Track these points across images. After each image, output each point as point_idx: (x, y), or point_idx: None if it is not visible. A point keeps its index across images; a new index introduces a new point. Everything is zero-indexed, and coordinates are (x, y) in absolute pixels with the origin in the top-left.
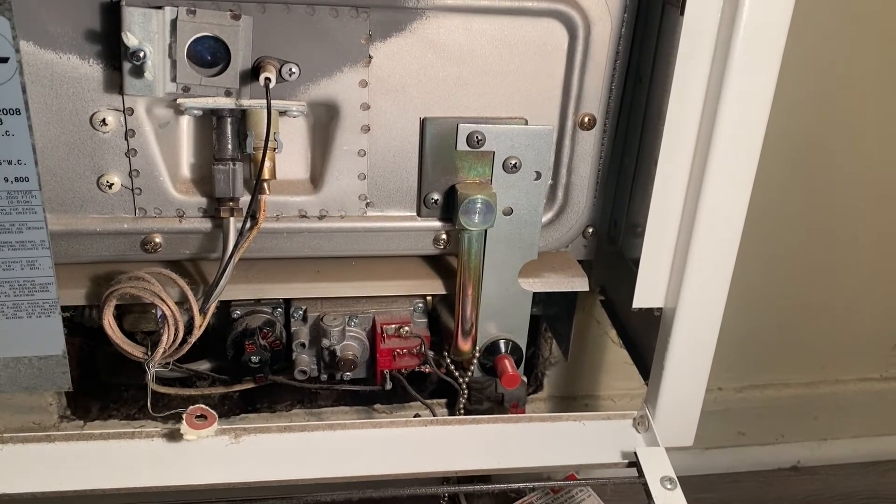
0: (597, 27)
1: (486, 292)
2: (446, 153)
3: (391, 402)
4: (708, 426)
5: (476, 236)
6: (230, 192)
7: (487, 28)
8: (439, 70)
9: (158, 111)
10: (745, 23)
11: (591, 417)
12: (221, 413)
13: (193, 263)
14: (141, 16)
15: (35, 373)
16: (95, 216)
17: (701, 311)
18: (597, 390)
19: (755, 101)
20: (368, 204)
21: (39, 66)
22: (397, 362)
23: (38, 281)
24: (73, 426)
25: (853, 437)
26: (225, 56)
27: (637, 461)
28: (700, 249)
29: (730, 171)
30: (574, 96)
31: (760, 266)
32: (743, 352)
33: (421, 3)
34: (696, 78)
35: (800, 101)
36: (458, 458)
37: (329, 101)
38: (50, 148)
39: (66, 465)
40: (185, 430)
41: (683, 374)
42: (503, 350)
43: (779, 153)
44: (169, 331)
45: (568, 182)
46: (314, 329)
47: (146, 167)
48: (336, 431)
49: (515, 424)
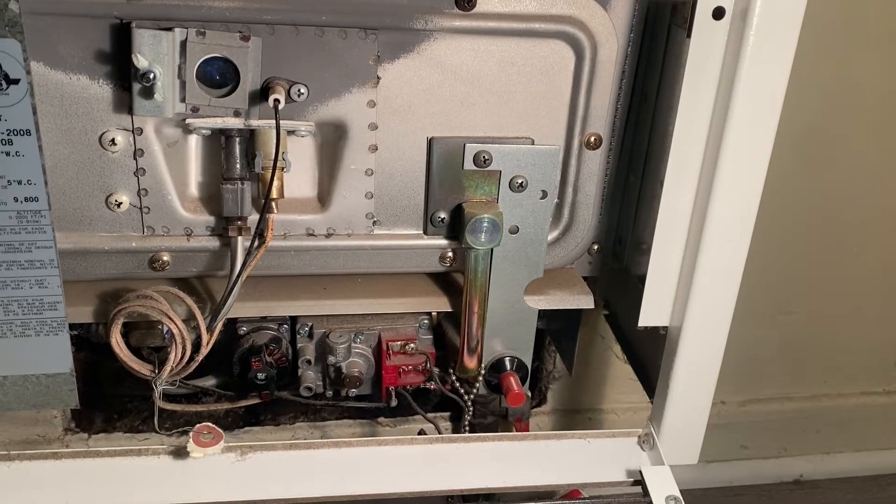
0: (603, 48)
1: (492, 310)
2: (453, 172)
3: (395, 415)
4: (711, 440)
5: (482, 255)
6: (238, 211)
7: (494, 49)
8: (447, 90)
9: (167, 131)
10: (752, 45)
11: (597, 435)
12: (225, 425)
13: (201, 281)
14: (151, 37)
15: (43, 390)
16: (104, 235)
17: (707, 330)
18: (600, 404)
19: (761, 121)
20: (375, 222)
21: (49, 87)
22: (403, 379)
23: (47, 300)
24: (77, 438)
25: (855, 450)
26: (234, 77)
27: (642, 479)
28: (706, 269)
29: (736, 189)
30: (580, 116)
31: (764, 280)
32: (746, 366)
33: (429, 25)
34: (702, 98)
35: (804, 112)
36: (462, 477)
37: (337, 121)
38: (59, 167)
39: (72, 482)
40: (192, 447)
41: (689, 393)
42: (508, 367)
43: (782, 170)
44: (176, 349)
45: (574, 201)
46: (320, 346)
47: (155, 186)
48: (341, 449)
49: (520, 442)
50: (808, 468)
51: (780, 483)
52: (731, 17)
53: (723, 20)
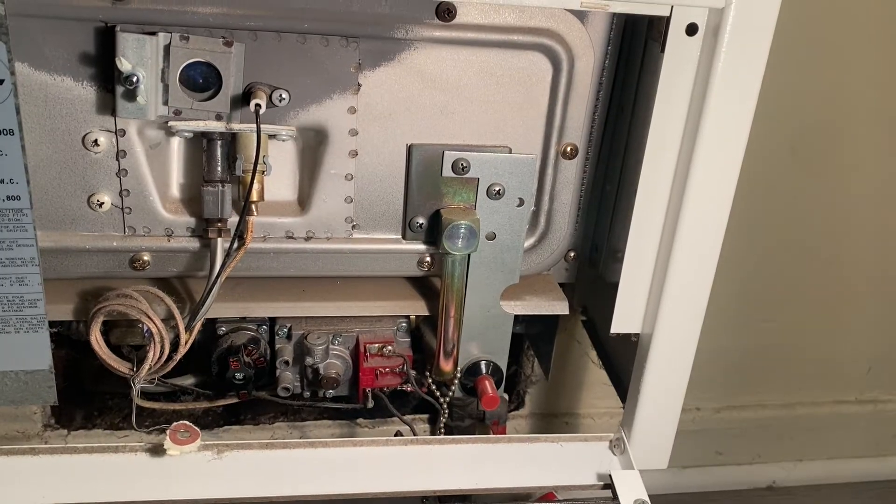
0: (580, 61)
1: (469, 314)
2: (432, 179)
3: (374, 417)
4: (686, 445)
5: (459, 260)
6: (219, 213)
7: (474, 59)
8: (426, 99)
9: (150, 133)
10: (723, 61)
11: (569, 439)
12: (205, 425)
13: (181, 281)
14: (135, 41)
15: (21, 387)
16: (85, 234)
17: (677, 337)
18: (577, 408)
19: (731, 134)
20: (354, 226)
21: (34, 87)
22: (380, 381)
23: (27, 297)
24: (56, 435)
25: (828, 458)
26: (216, 81)
27: (612, 483)
28: (677, 277)
29: (706, 201)
30: (557, 126)
31: (739, 289)
32: (721, 373)
33: (409, 34)
34: (675, 111)
35: (776, 123)
36: (437, 478)
37: (318, 127)
38: (42, 167)
39: (49, 478)
40: (169, 445)
41: (659, 399)
42: (484, 371)
43: (759, 180)
44: (155, 348)
45: (550, 209)
46: (298, 347)
47: (136, 187)
48: (318, 449)
49: (494, 445)
50: (782, 475)
51: (753, 489)
52: (703, 33)
53: (696, 36)
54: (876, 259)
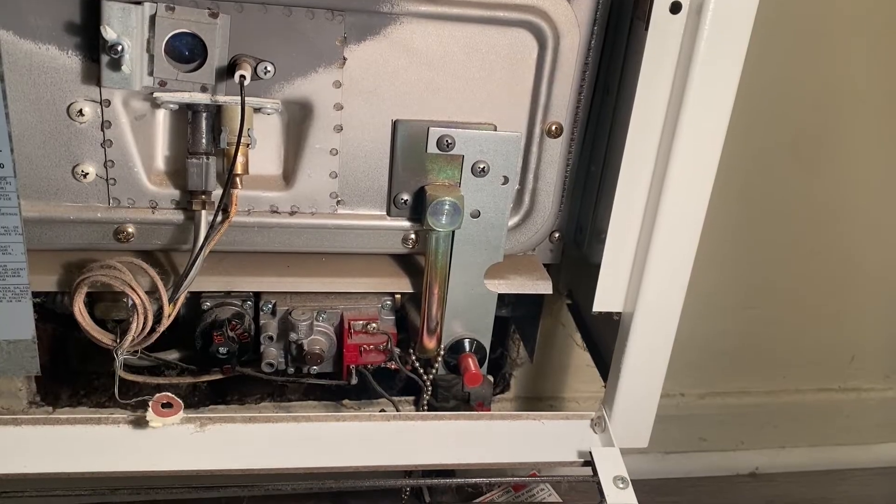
0: (566, 39)
1: (452, 292)
2: (417, 155)
3: (360, 397)
4: (670, 431)
5: (443, 237)
6: (203, 186)
7: (459, 35)
8: (412, 74)
9: (135, 104)
10: (706, 39)
11: (551, 417)
12: (191, 403)
13: (165, 254)
14: (120, 10)
15: (4, 357)
16: (69, 204)
17: (658, 316)
18: (562, 392)
19: (714, 114)
20: (339, 202)
21: (18, 56)
22: (363, 358)
23: (10, 266)
24: (42, 412)
25: (811, 445)
26: (202, 52)
27: (592, 460)
28: (658, 257)
29: (688, 181)
30: (542, 105)
31: (724, 275)
32: (706, 359)
33: (395, 8)
34: (658, 90)
35: (767, 109)
36: (419, 453)
37: (303, 101)
38: (26, 136)
39: (31, 448)
40: (151, 417)
41: (640, 378)
42: (467, 349)
43: (740, 164)
44: (138, 319)
45: (535, 187)
46: (283, 323)
47: (121, 158)
48: (300, 423)
49: (477, 422)
50: (764, 461)
51: (736, 475)
52: (687, 11)
53: (679, 14)
54: (861, 249)
